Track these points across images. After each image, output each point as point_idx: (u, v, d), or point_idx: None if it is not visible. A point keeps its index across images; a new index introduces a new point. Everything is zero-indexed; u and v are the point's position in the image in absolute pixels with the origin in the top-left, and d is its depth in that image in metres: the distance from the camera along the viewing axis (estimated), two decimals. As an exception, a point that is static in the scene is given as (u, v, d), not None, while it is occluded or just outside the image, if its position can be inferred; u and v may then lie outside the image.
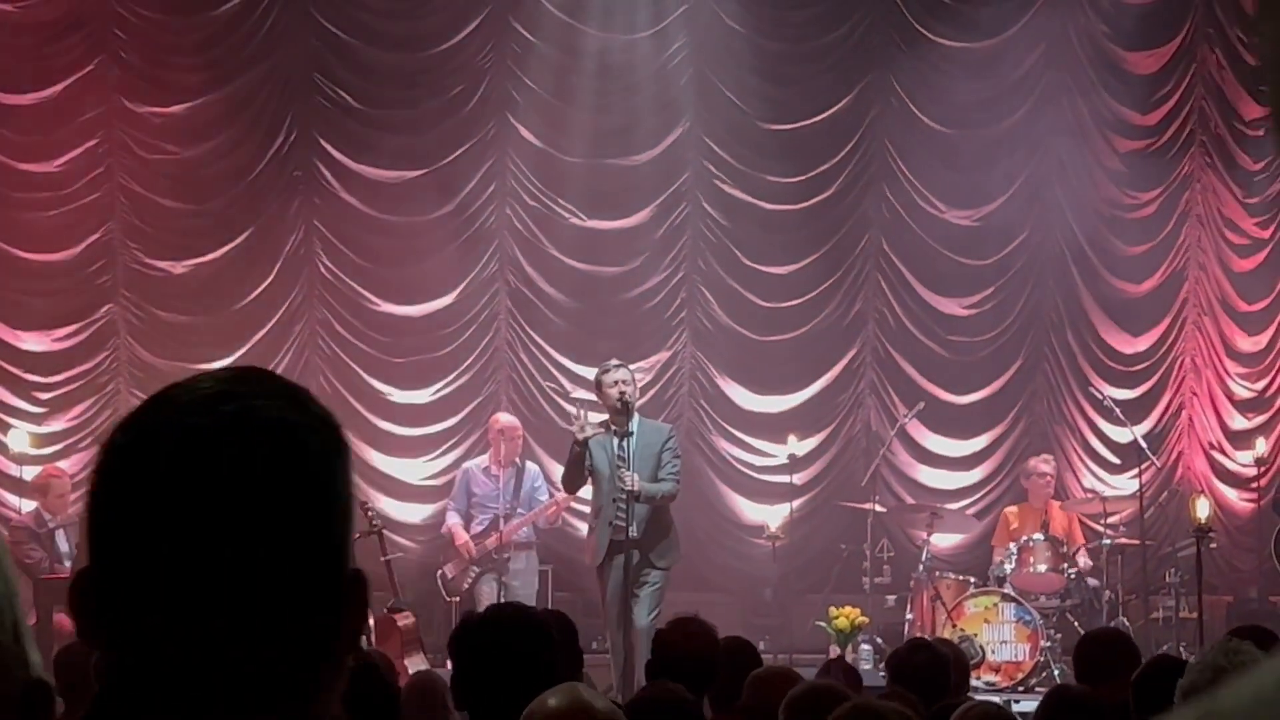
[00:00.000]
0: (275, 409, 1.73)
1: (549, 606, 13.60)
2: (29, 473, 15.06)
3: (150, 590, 1.67)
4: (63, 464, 15.33)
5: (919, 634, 13.44)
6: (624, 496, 12.27)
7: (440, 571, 14.46)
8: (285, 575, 1.70)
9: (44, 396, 16.14)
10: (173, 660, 1.67)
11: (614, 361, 12.85)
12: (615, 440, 12.46)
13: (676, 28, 16.95)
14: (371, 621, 12.29)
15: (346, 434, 1.79)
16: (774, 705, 5.70)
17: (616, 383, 12.50)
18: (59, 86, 16.02)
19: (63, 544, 13.82)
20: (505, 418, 15.18)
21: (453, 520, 14.54)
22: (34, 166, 16.05)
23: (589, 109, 16.81)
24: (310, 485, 1.73)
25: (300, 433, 1.73)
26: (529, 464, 14.89)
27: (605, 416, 12.73)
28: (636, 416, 12.68)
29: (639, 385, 13.36)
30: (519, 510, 14.39)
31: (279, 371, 13.09)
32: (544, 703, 4.13)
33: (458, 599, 14.23)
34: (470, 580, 14.32)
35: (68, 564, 13.55)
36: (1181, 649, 13.60)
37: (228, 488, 1.67)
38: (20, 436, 15.51)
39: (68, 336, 16.22)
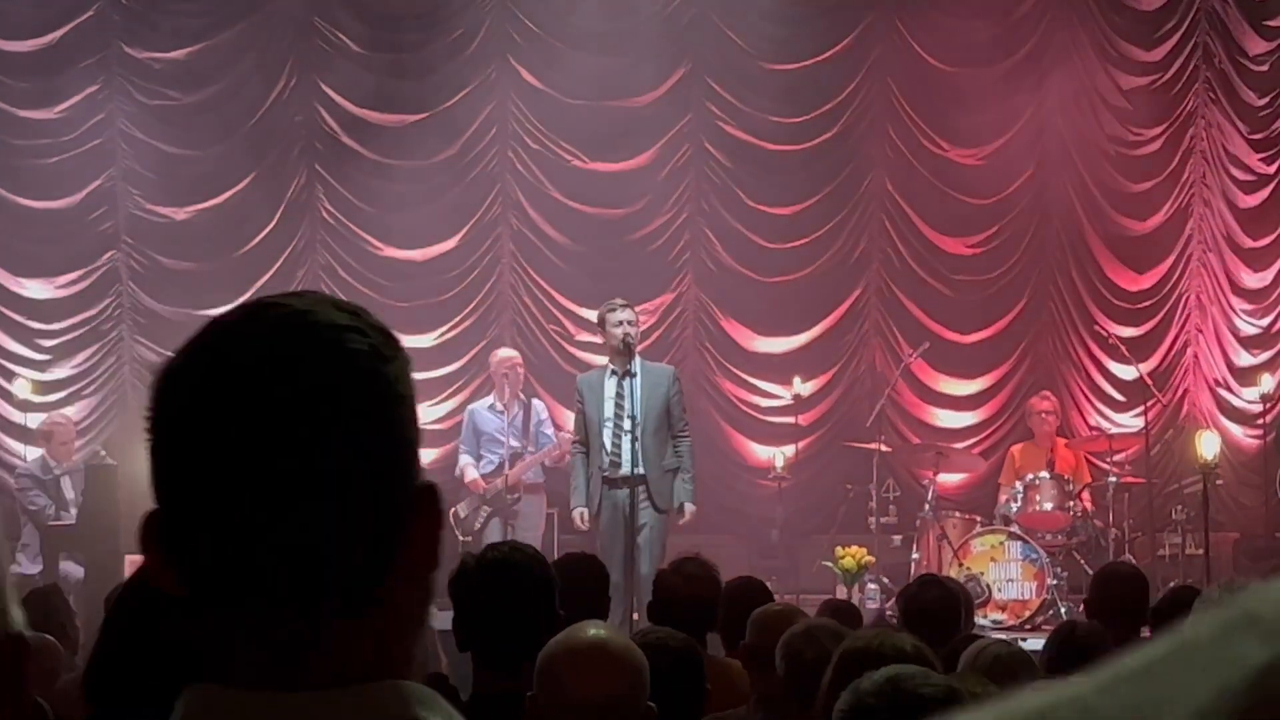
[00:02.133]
0: (324, 313, 1.71)
1: (555, 549, 13.62)
2: (33, 420, 15.10)
3: (213, 512, 1.66)
4: (67, 411, 15.40)
5: (925, 573, 13.42)
6: (626, 434, 12.26)
7: (453, 510, 14.44)
8: (352, 485, 1.68)
9: (47, 344, 16.18)
10: (243, 586, 1.66)
11: (618, 300, 12.78)
12: (616, 380, 12.42)
13: None
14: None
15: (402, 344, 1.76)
16: (776, 644, 5.68)
17: (621, 323, 12.44)
18: (58, 32, 16.01)
19: (68, 491, 13.82)
20: (503, 351, 15.10)
21: (464, 461, 14.53)
22: (34, 113, 16.07)
23: (591, 50, 16.75)
24: (367, 386, 1.70)
25: (352, 334, 1.70)
26: (534, 401, 14.84)
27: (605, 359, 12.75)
28: (638, 358, 12.62)
29: (643, 327, 13.29)
30: (528, 449, 14.35)
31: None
32: (563, 640, 4.08)
33: (469, 538, 14.22)
34: (482, 521, 14.31)
35: (73, 511, 13.56)
36: (1190, 584, 13.61)
37: (278, 391, 1.65)
38: (24, 383, 15.53)
39: (70, 284, 16.25)
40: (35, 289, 16.20)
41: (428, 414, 16.50)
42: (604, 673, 3.99)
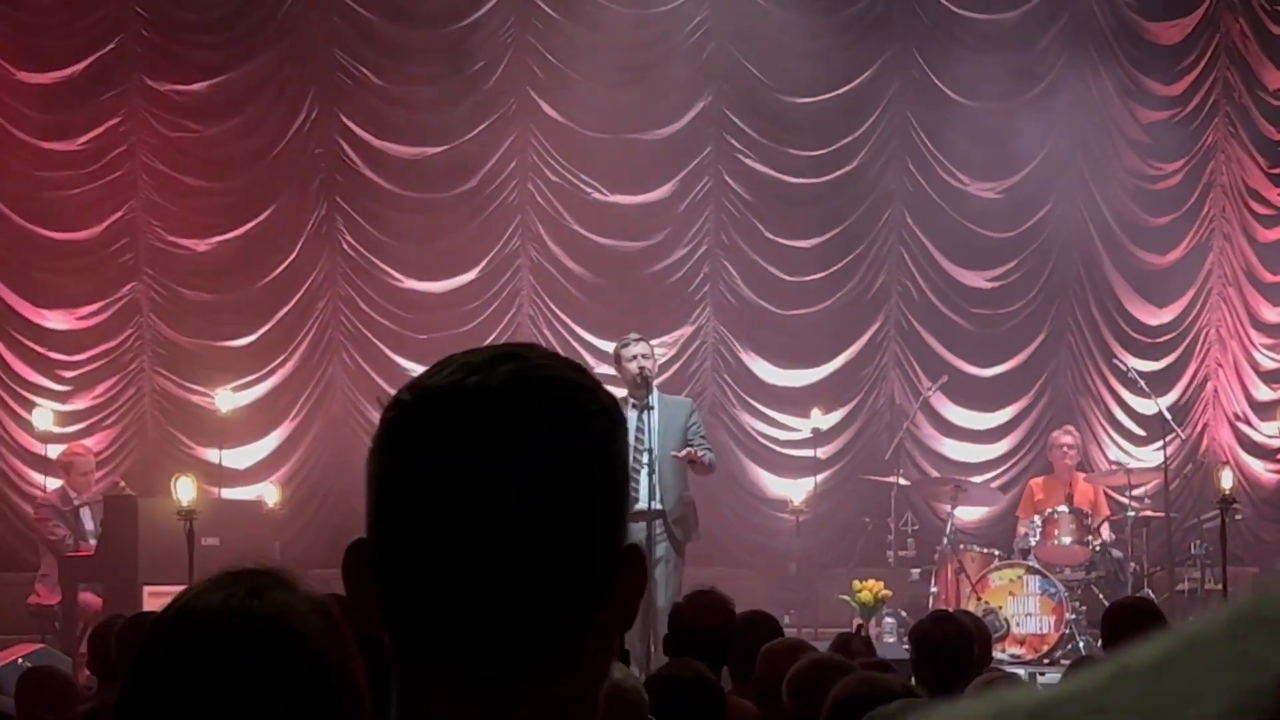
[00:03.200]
0: (555, 369, 1.73)
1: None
2: (54, 450, 15.14)
3: (433, 556, 1.69)
4: (87, 442, 15.41)
5: (943, 607, 13.42)
6: (644, 467, 12.27)
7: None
8: (569, 545, 1.70)
9: (68, 375, 16.22)
10: (452, 632, 1.68)
11: (633, 335, 12.83)
12: (635, 414, 12.42)
13: (698, 2, 16.96)
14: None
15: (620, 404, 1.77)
16: (784, 677, 5.70)
17: (635, 357, 12.48)
18: (80, 65, 16.08)
19: (87, 522, 13.88)
20: None
21: None
22: (56, 145, 16.12)
23: (611, 84, 16.82)
24: (592, 446, 1.72)
25: (581, 394, 1.72)
26: None
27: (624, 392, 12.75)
28: (656, 391, 12.64)
29: (661, 360, 13.29)
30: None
31: (303, 346, 12.91)
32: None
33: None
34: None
35: (92, 541, 13.60)
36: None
37: (511, 445, 1.67)
38: (44, 415, 15.57)
39: (91, 315, 16.30)
40: (56, 320, 16.25)
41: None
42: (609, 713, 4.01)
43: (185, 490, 11.90)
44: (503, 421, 1.67)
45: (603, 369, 15.99)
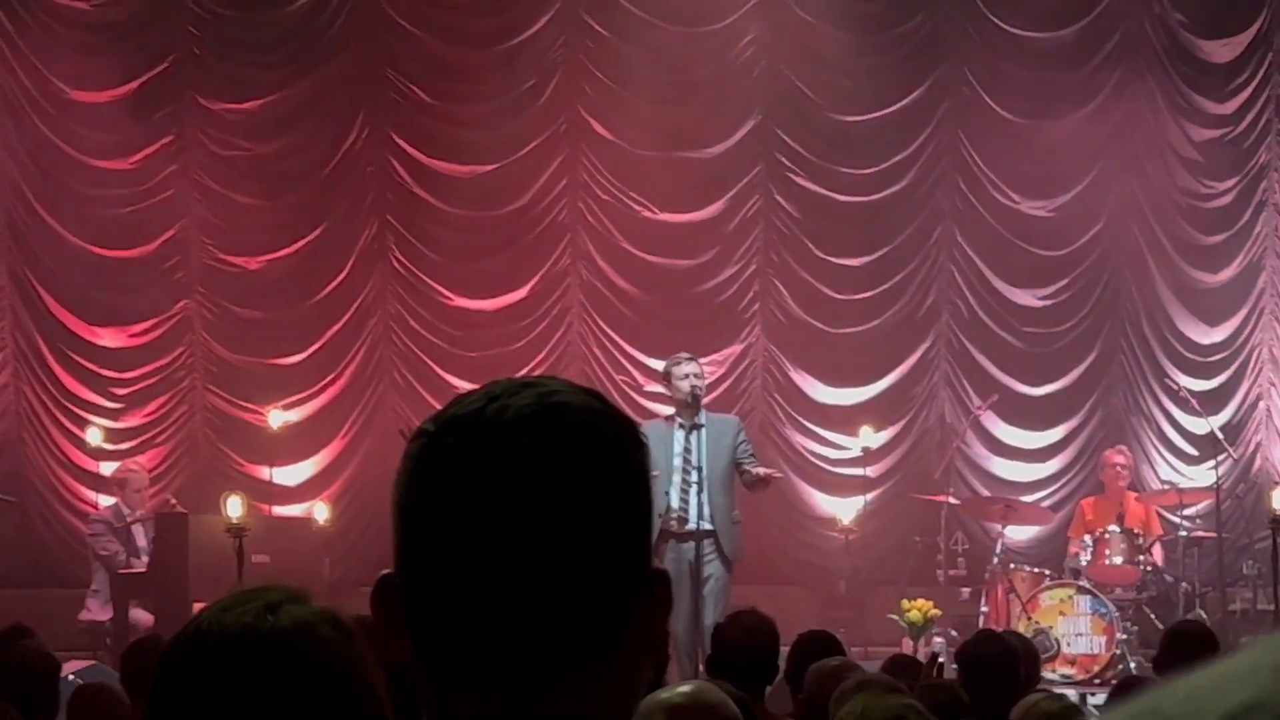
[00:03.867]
0: (575, 396, 1.75)
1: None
2: (107, 468, 15.22)
3: (460, 582, 1.71)
4: (139, 459, 15.48)
5: (994, 626, 13.41)
6: (692, 486, 12.30)
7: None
8: (592, 568, 1.72)
9: (121, 392, 16.31)
10: (481, 657, 1.71)
11: (684, 354, 12.83)
12: (683, 434, 12.44)
13: (748, 20, 16.97)
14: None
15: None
16: (830, 697, 5.71)
17: (687, 375, 12.48)
18: (133, 84, 16.17)
19: (139, 538, 13.93)
20: None
21: None
22: (109, 164, 16.22)
23: (661, 102, 16.86)
24: (613, 470, 1.74)
25: (601, 419, 1.75)
26: None
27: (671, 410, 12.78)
28: (703, 410, 12.66)
29: (710, 379, 13.30)
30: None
31: (354, 364, 12.94)
32: (657, 697, 4.10)
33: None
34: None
35: (144, 558, 13.66)
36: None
37: (532, 471, 1.69)
38: (97, 432, 15.67)
39: (144, 332, 16.39)
40: (109, 338, 16.34)
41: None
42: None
43: (235, 507, 11.97)
44: (525, 448, 1.69)
45: (652, 386, 16.11)
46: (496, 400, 1.73)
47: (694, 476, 12.33)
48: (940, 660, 9.86)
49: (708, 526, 12.32)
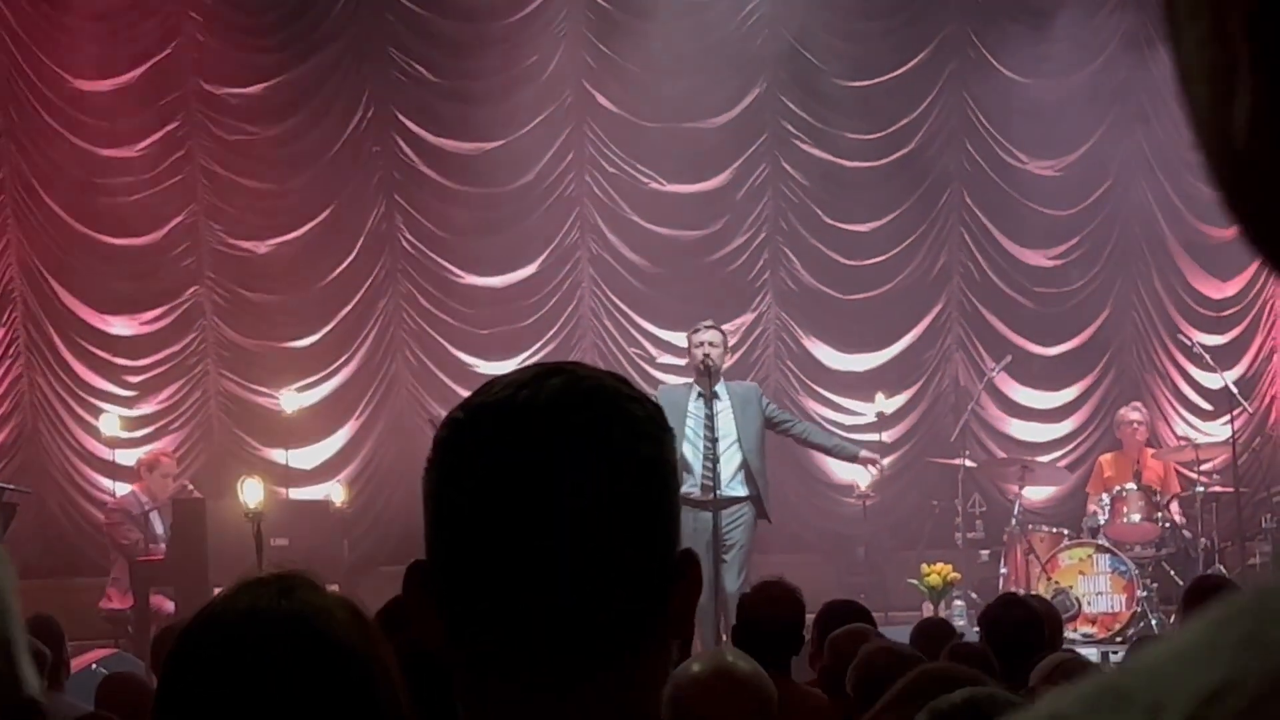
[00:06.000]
0: (601, 380, 1.77)
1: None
2: (121, 456, 15.24)
3: (491, 568, 1.72)
4: (153, 445, 15.50)
5: (1013, 588, 13.42)
6: (724, 453, 12.28)
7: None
8: (628, 549, 1.74)
9: (134, 380, 16.31)
10: (512, 640, 1.72)
11: (706, 322, 12.81)
12: (701, 402, 12.39)
13: None
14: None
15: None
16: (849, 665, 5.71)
17: (702, 344, 12.45)
18: (137, 71, 16.15)
19: (157, 526, 13.94)
20: None
21: None
22: (115, 152, 16.20)
23: (665, 73, 16.78)
24: (642, 453, 1.75)
25: (629, 403, 1.76)
26: None
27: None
28: (722, 380, 12.61)
29: (716, 347, 13.17)
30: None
31: (366, 345, 12.83)
32: (688, 669, 4.10)
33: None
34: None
35: (162, 545, 13.67)
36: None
37: (561, 457, 1.71)
38: (111, 420, 15.66)
39: (155, 320, 16.39)
40: (120, 326, 16.33)
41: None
42: (730, 699, 4.03)
43: (253, 492, 11.94)
44: (556, 433, 1.70)
45: (665, 358, 16.11)
46: (526, 387, 1.73)
47: (721, 445, 12.33)
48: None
49: (740, 493, 12.33)
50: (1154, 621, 13.57)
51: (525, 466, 1.70)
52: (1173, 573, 14.18)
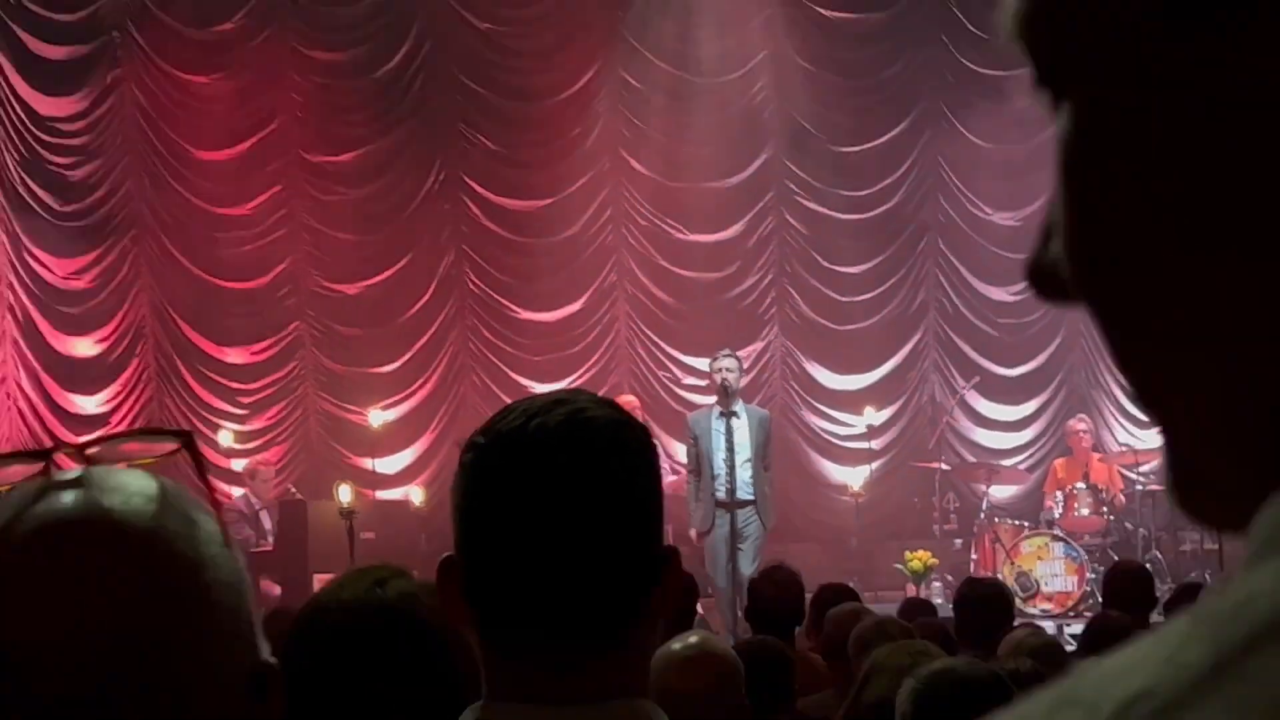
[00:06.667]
0: (600, 411, 1.79)
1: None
2: (237, 464, 15.24)
3: (510, 563, 1.74)
4: (264, 455, 15.54)
5: (982, 572, 13.42)
6: (740, 463, 12.17)
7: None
8: (620, 547, 1.77)
9: (246, 400, 16.32)
10: (529, 622, 1.74)
11: (725, 351, 12.73)
12: (724, 421, 12.31)
13: (759, 70, 16.90)
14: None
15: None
16: (847, 637, 5.71)
17: (720, 369, 12.36)
18: (248, 143, 16.19)
19: (266, 523, 13.94)
20: (624, 397, 15.03)
21: None
22: (230, 211, 16.23)
23: (688, 141, 16.77)
24: (633, 469, 1.78)
25: (622, 430, 1.79)
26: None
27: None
28: (740, 402, 12.50)
29: (734, 373, 13.10)
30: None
31: (439, 370, 12.73)
32: (669, 648, 4.07)
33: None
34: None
35: (271, 539, 13.67)
36: (1206, 576, 13.47)
37: (566, 475, 1.74)
38: (227, 434, 15.71)
39: (263, 350, 16.40)
40: (234, 356, 16.36)
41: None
42: (699, 672, 3.99)
43: (345, 494, 11.97)
44: (561, 456, 1.73)
45: (689, 380, 16.06)
46: (536, 416, 1.75)
47: (736, 456, 12.17)
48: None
49: (747, 497, 12.20)
50: (1100, 599, 13.48)
51: (534, 487, 1.73)
52: (1116, 558, 14.06)
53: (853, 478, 15.45)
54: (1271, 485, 0.69)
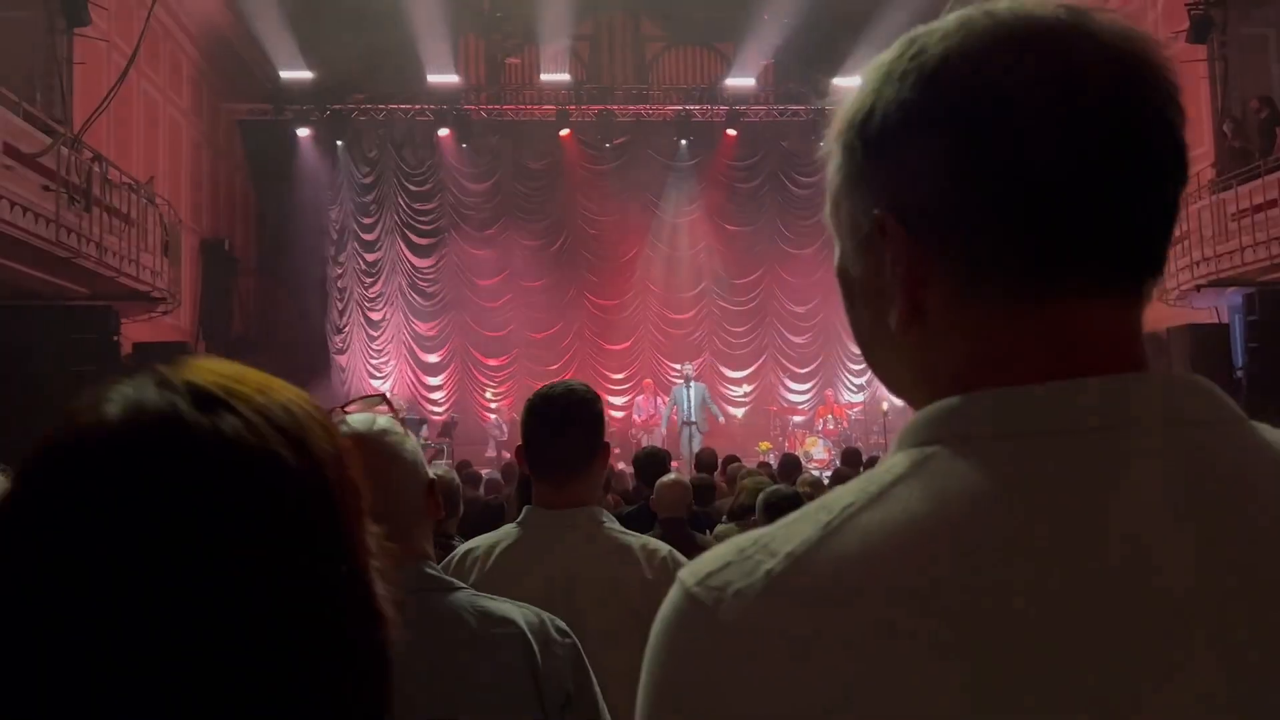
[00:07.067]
0: (579, 386, 3.14)
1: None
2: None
3: (539, 441, 3.12)
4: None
5: (792, 449, 20.23)
6: (689, 407, 19.23)
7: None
8: (585, 433, 3.13)
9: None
10: (546, 466, 3.17)
11: (690, 362, 20.98)
12: (686, 390, 19.98)
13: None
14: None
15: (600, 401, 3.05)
16: (735, 476, 9.47)
17: (682, 367, 20.79)
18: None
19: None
20: (648, 380, 22.96)
21: (664, 411, 21.55)
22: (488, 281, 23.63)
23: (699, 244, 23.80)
24: (596, 410, 3.15)
25: (590, 394, 3.15)
26: (658, 398, 22.16)
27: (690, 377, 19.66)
28: (693, 384, 20.20)
29: (691, 370, 20.60)
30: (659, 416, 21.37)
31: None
32: (661, 480, 6.44)
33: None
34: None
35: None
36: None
37: (564, 412, 3.08)
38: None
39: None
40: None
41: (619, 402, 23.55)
42: (674, 487, 6.58)
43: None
44: (564, 402, 3.10)
45: (687, 368, 22.05)
46: (554, 388, 3.09)
47: (685, 407, 19.88)
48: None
49: (694, 419, 19.66)
50: (840, 463, 15.48)
51: (553, 411, 3.05)
52: (860, 448, 16.73)
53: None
54: (917, 407, 1.14)
